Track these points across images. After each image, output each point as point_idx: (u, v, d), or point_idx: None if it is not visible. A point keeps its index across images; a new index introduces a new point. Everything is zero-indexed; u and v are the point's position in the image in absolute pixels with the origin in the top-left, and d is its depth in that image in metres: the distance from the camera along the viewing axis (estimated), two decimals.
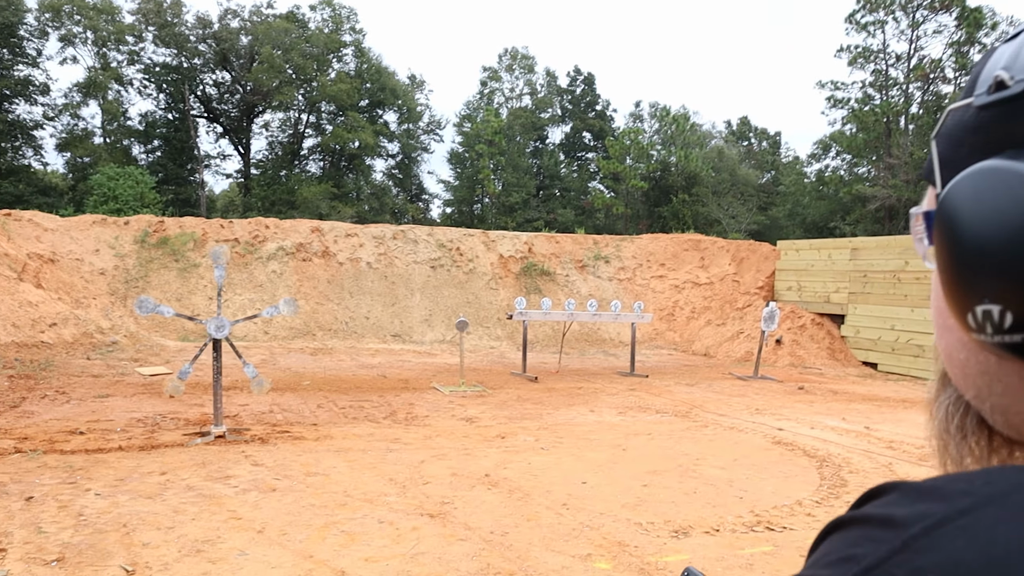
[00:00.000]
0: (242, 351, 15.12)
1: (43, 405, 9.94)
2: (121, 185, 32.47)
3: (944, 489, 0.48)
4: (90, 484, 6.46)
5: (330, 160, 48.79)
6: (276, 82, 44.07)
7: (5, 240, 16.50)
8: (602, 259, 23.12)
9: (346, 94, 44.76)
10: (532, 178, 50.18)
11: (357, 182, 48.36)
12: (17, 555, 4.91)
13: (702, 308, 21.75)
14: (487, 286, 21.57)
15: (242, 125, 48.05)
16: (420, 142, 52.99)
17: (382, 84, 48.53)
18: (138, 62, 45.02)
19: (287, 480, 6.84)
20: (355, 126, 45.12)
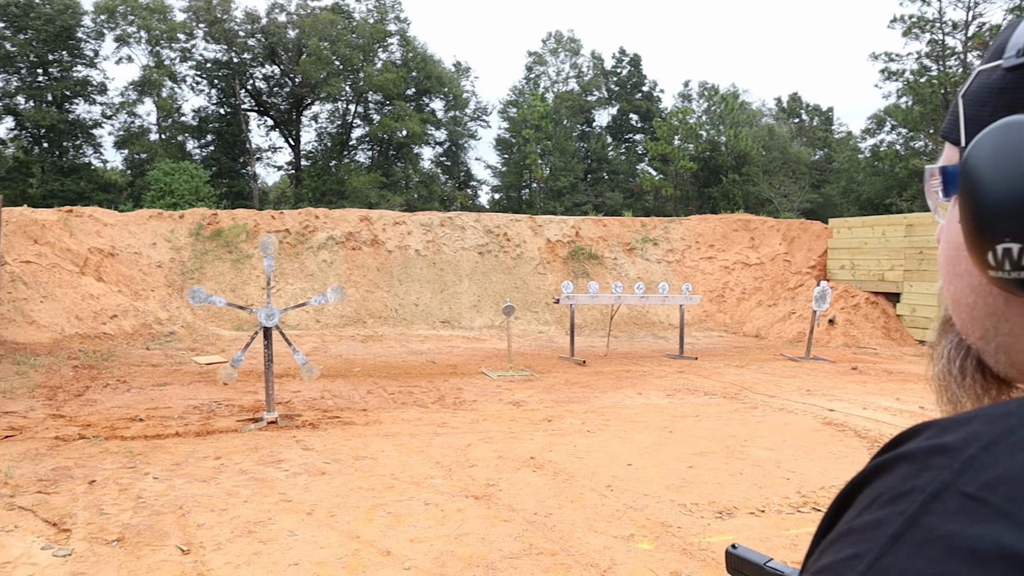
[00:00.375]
0: (294, 339, 15.41)
1: (105, 394, 10.28)
2: (177, 180, 33.18)
3: (984, 415, 0.50)
4: (148, 468, 6.70)
5: (378, 149, 49.20)
6: (324, 74, 44.55)
7: (68, 236, 17.01)
8: (650, 241, 23.01)
9: (392, 83, 45.07)
10: (580, 162, 50.03)
11: (405, 170, 48.71)
12: (80, 535, 5.13)
13: (753, 289, 21.54)
14: (535, 271, 21.63)
15: (292, 117, 48.69)
16: (467, 129, 53.16)
17: (428, 72, 48.74)
18: (190, 59, 45.90)
19: (336, 464, 7.00)
20: (402, 115, 45.44)
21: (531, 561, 4.83)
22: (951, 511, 0.45)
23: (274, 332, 8.97)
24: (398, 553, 4.93)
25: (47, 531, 5.23)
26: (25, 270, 14.41)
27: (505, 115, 52.06)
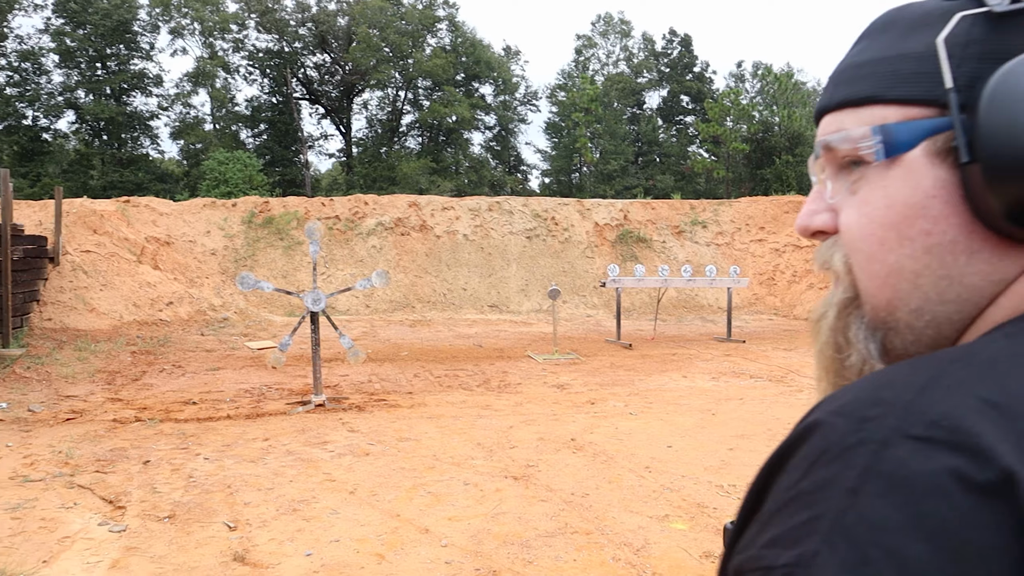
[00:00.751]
0: (344, 324, 15.68)
1: (161, 378, 10.62)
2: (231, 169, 33.79)
3: (903, 368, 0.53)
4: (200, 449, 6.94)
5: (428, 135, 49.46)
6: (373, 61, 44.87)
7: (125, 225, 17.50)
8: (699, 224, 22.84)
9: (442, 69, 45.21)
10: (630, 145, 49.70)
11: (455, 156, 48.90)
12: (135, 512, 5.36)
13: (803, 271, 21.26)
14: (583, 255, 21.63)
15: (342, 105, 49.18)
16: (517, 113, 53.11)
17: (477, 57, 48.78)
18: (242, 49, 46.59)
19: (380, 445, 7.17)
20: (452, 100, 45.58)
21: (565, 540, 4.93)
22: (905, 454, 0.47)
23: (321, 317, 9.17)
24: (436, 531, 5.06)
25: (104, 508, 5.48)
26: (85, 259, 14.88)
27: (554, 99, 51.90)
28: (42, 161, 40.18)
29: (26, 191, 33.66)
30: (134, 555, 4.66)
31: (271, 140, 45.75)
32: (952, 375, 0.51)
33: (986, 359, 0.52)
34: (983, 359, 0.53)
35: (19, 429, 7.75)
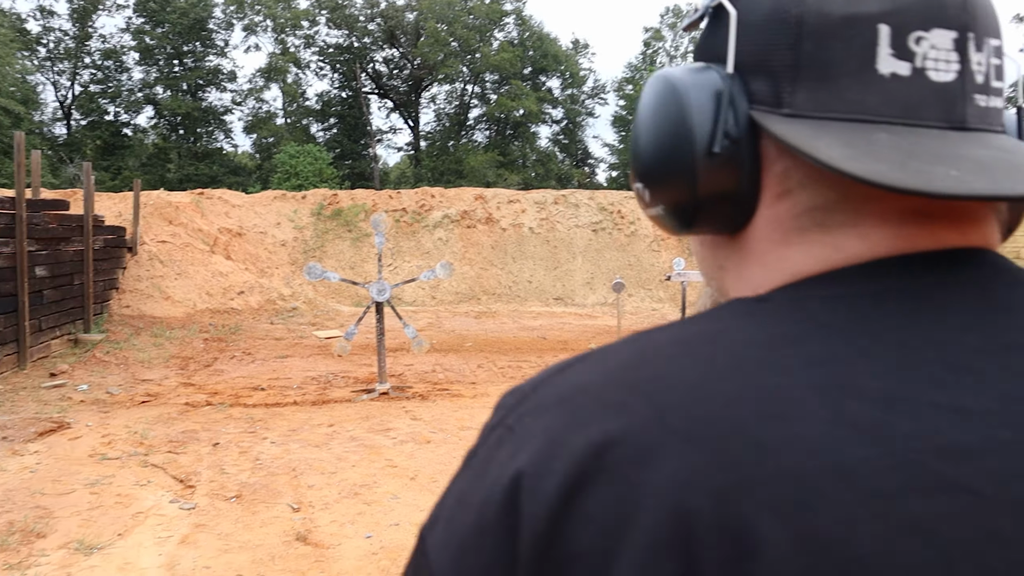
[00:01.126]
0: (411, 315, 15.89)
1: (231, 364, 10.92)
2: (301, 162, 34.45)
3: (553, 365, 0.60)
4: (267, 434, 7.13)
5: (495, 129, 49.64)
6: (441, 55, 45.21)
7: (200, 217, 18.02)
8: None
9: (509, 63, 45.31)
10: None
11: (523, 149, 48.97)
12: (204, 491, 5.56)
13: None
14: (649, 248, 21.50)
15: (411, 99, 49.67)
16: (584, 107, 52.93)
17: (544, 51, 48.74)
18: (313, 45, 47.39)
19: (441, 433, 7.27)
20: (519, 94, 45.65)
21: None
22: (492, 442, 0.56)
23: (386, 307, 9.32)
24: None
25: (175, 486, 5.69)
26: (161, 249, 15.38)
27: (621, 92, 51.57)
28: (122, 155, 41.57)
29: (107, 184, 34.86)
30: (202, 532, 4.83)
31: (341, 134, 46.46)
32: (570, 367, 0.59)
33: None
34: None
35: (98, 410, 8.07)
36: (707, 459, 0.47)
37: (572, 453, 0.50)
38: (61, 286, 11.40)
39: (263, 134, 44.67)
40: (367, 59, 47.96)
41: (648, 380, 0.52)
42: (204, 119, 44.14)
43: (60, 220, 11.48)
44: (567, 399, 0.54)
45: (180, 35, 42.32)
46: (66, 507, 5.21)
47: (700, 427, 0.48)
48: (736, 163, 0.61)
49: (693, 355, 0.54)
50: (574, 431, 0.51)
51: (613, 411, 0.51)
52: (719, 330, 0.56)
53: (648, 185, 0.67)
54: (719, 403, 0.49)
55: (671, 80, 0.65)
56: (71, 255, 11.77)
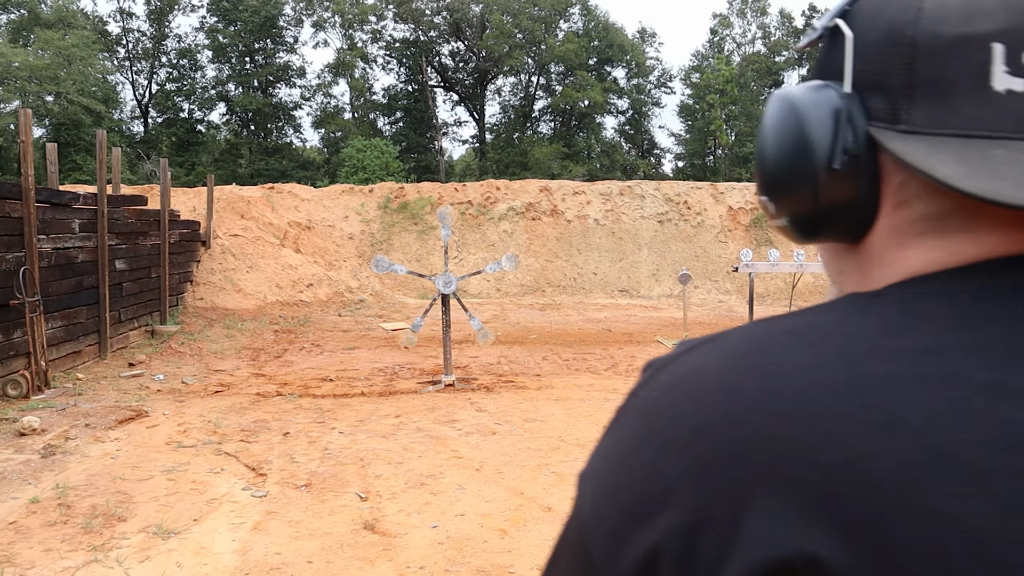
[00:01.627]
0: (476, 307, 15.98)
1: (301, 356, 11.14)
2: (368, 156, 34.87)
3: (685, 342, 0.65)
4: (335, 424, 7.27)
5: (560, 120, 49.51)
6: (506, 47, 45.23)
7: (270, 211, 18.40)
8: None
9: (574, 54, 45.11)
10: None
11: (588, 140, 48.76)
12: (275, 479, 5.69)
13: None
14: (715, 239, 21.23)
15: (476, 92, 49.84)
16: (650, 96, 52.42)
17: (610, 41, 48.41)
18: (380, 40, 47.89)
19: (507, 425, 7.30)
20: (584, 85, 45.43)
21: None
22: (626, 410, 0.63)
23: (452, 299, 9.40)
24: (559, 510, 5.14)
25: (247, 474, 5.83)
26: (233, 243, 15.75)
27: (688, 81, 50.94)
28: (196, 151, 42.66)
29: (182, 179, 35.83)
30: (273, 519, 4.95)
31: (407, 127, 46.88)
32: (690, 352, 0.64)
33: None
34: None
35: (174, 399, 8.33)
36: (815, 440, 0.51)
37: (681, 430, 0.56)
38: (139, 279, 11.78)
39: (331, 129, 45.33)
40: (433, 53, 48.26)
41: (760, 365, 0.57)
42: (274, 115, 45.01)
43: (138, 215, 11.86)
44: (685, 380, 0.60)
45: (251, 33, 43.19)
46: (145, 492, 5.39)
47: (808, 409, 0.52)
48: (855, 176, 0.65)
49: (804, 343, 0.57)
50: (689, 409, 0.57)
51: (726, 393, 0.56)
52: (831, 321, 0.60)
53: (773, 198, 0.72)
54: (827, 388, 0.53)
55: (791, 99, 0.69)
56: (148, 249, 12.15)
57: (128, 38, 44.45)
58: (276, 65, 44.84)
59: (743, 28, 52.86)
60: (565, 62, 46.18)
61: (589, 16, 48.73)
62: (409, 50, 47.16)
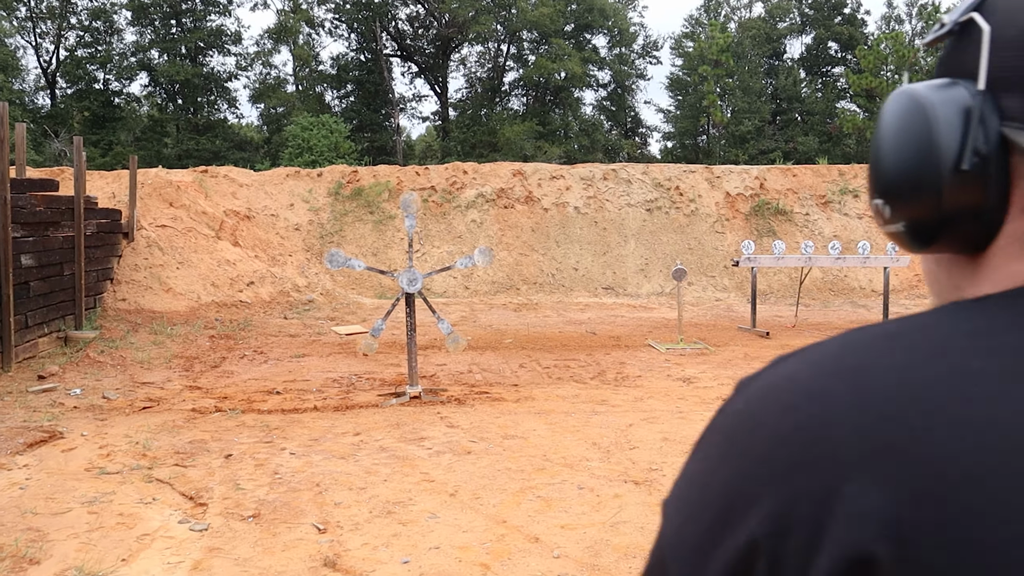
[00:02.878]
0: (441, 307, 15.89)
1: (242, 365, 10.99)
2: (315, 135, 34.62)
3: (778, 356, 0.71)
4: (285, 443, 7.15)
5: (534, 95, 49.53)
6: (472, 11, 45.15)
7: (203, 198, 18.16)
8: (850, 193, 22.18)
9: (549, 19, 45.12)
10: (767, 102, 48.62)
11: (565, 118, 48.83)
12: (217, 510, 5.57)
13: None
14: (711, 229, 21.31)
15: (438, 62, 49.70)
16: (635, 68, 52.62)
17: (589, 4, 48.47)
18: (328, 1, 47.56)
19: (483, 443, 7.23)
20: (560, 54, 45.48)
21: None
22: (718, 424, 0.69)
23: (417, 299, 9.30)
24: (547, 540, 5.07)
25: (184, 504, 5.70)
26: (160, 235, 15.52)
27: (679, 50, 51.22)
28: (113, 128, 42.06)
29: (97, 161, 35.35)
30: (217, 556, 4.83)
31: (359, 102, 46.62)
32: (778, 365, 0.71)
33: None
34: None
35: (94, 417, 8.15)
36: (905, 436, 0.56)
37: (766, 437, 0.62)
38: (49, 277, 11.54)
39: (272, 103, 44.96)
40: (388, 17, 48.03)
41: (851, 368, 0.62)
42: (205, 87, 44.53)
43: (48, 202, 11.62)
44: (772, 390, 0.65)
45: None
46: (62, 528, 5.25)
47: (898, 406, 0.57)
48: (984, 180, 0.68)
49: (897, 344, 0.63)
50: (774, 417, 0.63)
51: (814, 397, 0.61)
52: (927, 324, 0.65)
53: (889, 201, 0.75)
54: (919, 384, 0.58)
55: (916, 96, 0.73)
56: (60, 242, 11.91)
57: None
58: (207, 29, 44.35)
59: None
60: (539, 28, 46.18)
61: None
62: (361, 13, 46.88)
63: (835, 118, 47.91)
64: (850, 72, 46.60)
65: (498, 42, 48.93)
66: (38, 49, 44.14)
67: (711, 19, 50.14)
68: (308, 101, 44.45)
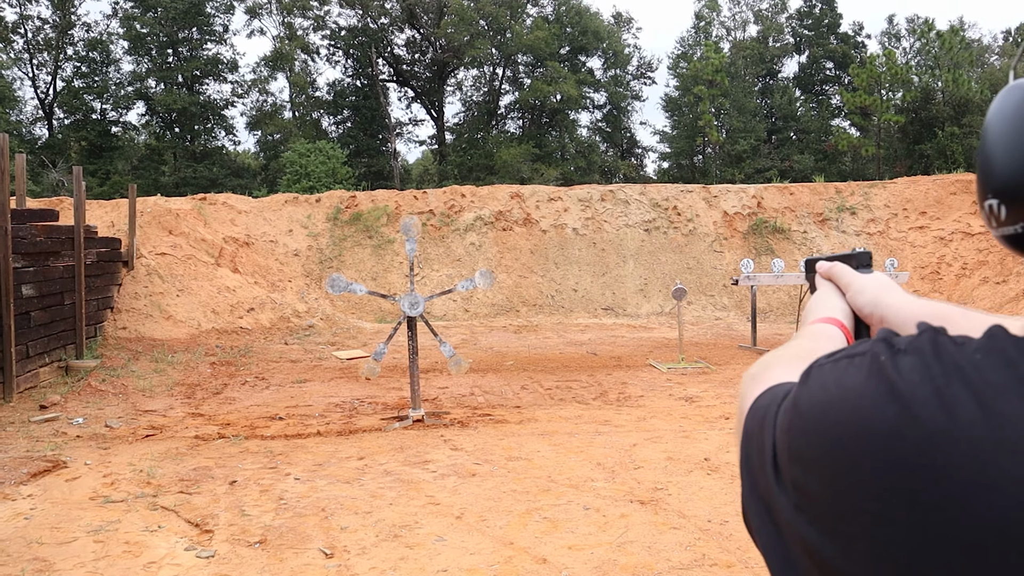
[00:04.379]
0: (442, 330, 15.89)
1: (244, 391, 10.98)
2: (312, 161, 34.73)
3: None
4: (290, 469, 7.14)
5: (530, 117, 49.71)
6: (467, 36, 45.37)
7: (202, 225, 18.20)
8: (847, 210, 22.24)
9: (544, 42, 45.34)
10: (762, 121, 48.81)
11: (561, 140, 48.98)
12: (223, 536, 5.56)
13: (976, 263, 20.44)
14: (710, 248, 21.35)
15: (434, 87, 49.90)
16: (630, 89, 52.84)
17: (583, 27, 48.76)
18: (323, 28, 47.79)
19: (487, 465, 7.23)
20: (556, 77, 45.66)
21: (703, 573, 4.86)
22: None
23: (419, 322, 9.31)
24: (555, 561, 5.06)
25: (190, 532, 5.69)
26: (160, 263, 15.54)
27: (674, 71, 51.44)
28: (111, 157, 42.12)
29: (95, 190, 35.40)
30: None
31: (356, 128, 46.77)
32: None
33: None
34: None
35: (97, 446, 8.14)
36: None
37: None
38: (50, 307, 11.54)
39: (269, 130, 45.10)
40: (384, 42, 48.28)
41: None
42: (202, 115, 44.67)
43: (48, 232, 11.63)
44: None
45: (174, 21, 42.89)
46: (68, 558, 5.24)
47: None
48: None
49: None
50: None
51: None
52: None
53: (1005, 202, 0.71)
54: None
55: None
56: (61, 271, 11.92)
57: (27, 26, 43.76)
58: (203, 58, 44.54)
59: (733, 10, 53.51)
60: (534, 52, 46.40)
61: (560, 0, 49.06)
62: (357, 40, 47.12)
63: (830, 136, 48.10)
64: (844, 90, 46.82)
65: (493, 66, 49.16)
66: (35, 80, 44.30)
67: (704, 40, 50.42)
68: (305, 127, 44.60)
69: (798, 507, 0.70)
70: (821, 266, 1.35)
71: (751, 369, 0.97)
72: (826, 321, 1.18)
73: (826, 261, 1.36)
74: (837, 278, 1.29)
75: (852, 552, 0.65)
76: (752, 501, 0.79)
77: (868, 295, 1.20)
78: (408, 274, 9.23)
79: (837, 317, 1.19)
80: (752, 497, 0.79)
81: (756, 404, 0.84)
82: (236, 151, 48.07)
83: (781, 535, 0.73)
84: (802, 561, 0.71)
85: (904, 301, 1.14)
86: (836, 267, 1.31)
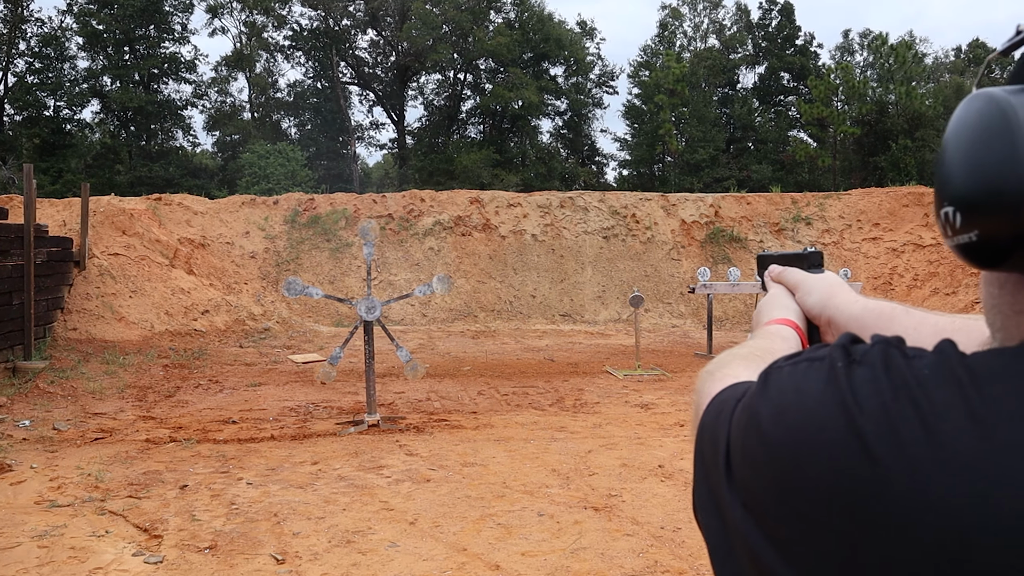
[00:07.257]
0: (399, 335, 15.83)
1: (197, 394, 10.86)
2: (272, 163, 34.51)
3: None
4: (242, 473, 7.07)
5: (491, 123, 49.75)
6: (430, 40, 45.31)
7: (157, 226, 17.98)
8: (802, 220, 22.50)
9: (506, 48, 45.40)
10: (721, 131, 49.22)
11: (522, 146, 49.07)
12: (172, 542, 5.49)
13: (927, 275, 20.77)
14: (667, 256, 21.49)
15: (395, 91, 49.79)
16: (591, 97, 53.04)
17: (546, 34, 48.87)
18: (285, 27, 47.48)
19: (442, 470, 7.21)
20: (517, 83, 45.74)
21: None
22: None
23: (375, 327, 9.27)
24: (508, 567, 5.06)
25: (138, 537, 5.61)
26: (113, 263, 15.33)
27: (635, 79, 51.72)
28: (64, 155, 41.44)
29: (47, 188, 34.81)
30: None
31: (316, 130, 46.54)
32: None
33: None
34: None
35: (44, 449, 8.00)
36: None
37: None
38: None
39: (227, 131, 44.74)
40: (346, 45, 48.07)
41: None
42: (159, 114, 44.15)
43: None
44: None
45: (131, 17, 42.36)
46: (11, 564, 5.14)
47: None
48: None
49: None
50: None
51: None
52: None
53: (961, 210, 0.71)
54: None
55: (998, 100, 0.69)
56: (9, 271, 11.71)
57: None
58: (161, 56, 44.03)
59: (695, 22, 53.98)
60: (496, 57, 46.47)
61: (523, 6, 49.18)
62: (319, 41, 46.88)
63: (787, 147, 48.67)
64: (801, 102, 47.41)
65: (455, 71, 49.15)
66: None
67: (666, 50, 50.77)
68: (264, 129, 44.29)
69: (746, 506, 0.71)
70: (772, 270, 1.38)
71: (708, 367, 0.98)
72: (780, 322, 1.20)
73: (777, 265, 1.39)
74: (786, 281, 1.33)
75: (790, 556, 0.66)
76: (703, 492, 0.80)
77: (816, 296, 1.23)
78: (366, 278, 9.18)
79: (790, 318, 1.22)
80: (703, 488, 0.81)
81: (716, 399, 0.85)
82: (193, 151, 47.57)
83: (726, 530, 0.74)
84: (742, 558, 0.72)
85: (849, 301, 1.17)
86: (786, 272, 1.34)
